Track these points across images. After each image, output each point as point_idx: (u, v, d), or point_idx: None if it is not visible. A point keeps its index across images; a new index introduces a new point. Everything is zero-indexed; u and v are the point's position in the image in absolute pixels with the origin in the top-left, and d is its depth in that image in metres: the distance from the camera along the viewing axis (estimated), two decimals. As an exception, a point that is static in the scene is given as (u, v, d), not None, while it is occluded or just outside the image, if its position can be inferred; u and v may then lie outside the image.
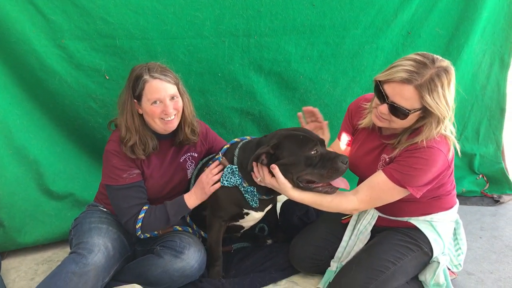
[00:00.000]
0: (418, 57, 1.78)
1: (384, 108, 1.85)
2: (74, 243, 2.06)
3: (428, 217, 2.08)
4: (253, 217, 2.29)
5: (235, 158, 2.16)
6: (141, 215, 2.10)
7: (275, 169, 1.97)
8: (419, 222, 2.09)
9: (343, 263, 2.18)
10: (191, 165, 2.34)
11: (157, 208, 2.13)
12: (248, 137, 2.32)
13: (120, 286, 2.10)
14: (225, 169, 2.14)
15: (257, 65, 2.90)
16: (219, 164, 2.17)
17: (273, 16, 2.77)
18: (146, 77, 2.01)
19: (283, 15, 2.79)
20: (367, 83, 3.14)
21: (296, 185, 1.99)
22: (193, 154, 2.34)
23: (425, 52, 1.83)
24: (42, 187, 2.64)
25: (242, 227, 2.43)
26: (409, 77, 1.74)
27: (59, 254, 2.68)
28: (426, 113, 1.83)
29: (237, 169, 2.13)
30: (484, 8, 3.18)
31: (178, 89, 2.12)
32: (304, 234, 2.37)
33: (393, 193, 1.93)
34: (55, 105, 2.60)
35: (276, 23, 2.80)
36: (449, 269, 2.22)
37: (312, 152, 1.95)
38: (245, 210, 2.23)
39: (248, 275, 2.34)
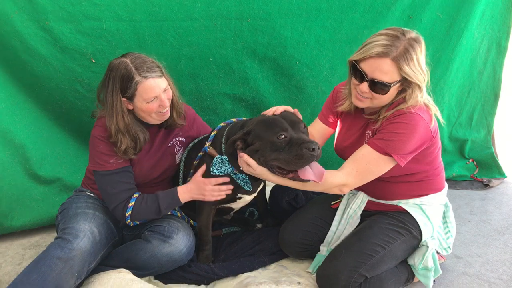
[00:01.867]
0: (388, 31, 1.84)
1: (364, 86, 1.87)
2: (60, 229, 2.04)
3: (417, 200, 2.08)
4: (245, 199, 2.28)
5: (223, 147, 2.11)
6: (132, 203, 2.07)
7: (244, 156, 1.95)
8: (409, 205, 2.09)
9: (333, 247, 2.17)
10: (179, 150, 2.32)
11: (149, 198, 2.11)
12: (234, 120, 2.25)
13: (108, 271, 2.08)
14: (215, 159, 2.10)
15: (250, 50, 2.80)
16: (227, 181, 2.12)
17: (268, -2, 2.67)
18: (138, 78, 1.95)
19: (277, -3, 2.69)
20: (365, 70, 3.02)
21: (271, 171, 1.95)
22: (181, 139, 2.32)
23: (393, 27, 1.90)
24: (29, 172, 2.60)
25: (232, 209, 2.42)
26: (385, 50, 1.78)
27: (47, 239, 2.67)
28: (405, 85, 1.87)
29: (227, 159, 2.09)
30: (484, -10, 3.09)
31: (166, 78, 2.08)
32: (293, 219, 2.36)
33: (379, 163, 1.91)
34: (40, 88, 2.53)
35: (270, 6, 2.69)
36: (438, 253, 2.22)
37: (279, 137, 1.87)
38: (239, 195, 2.22)
39: (237, 259, 2.33)
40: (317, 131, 2.31)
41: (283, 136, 1.88)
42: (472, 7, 3.07)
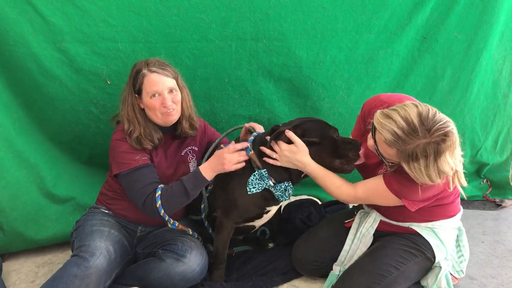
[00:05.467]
0: (415, 120, 1.63)
1: (371, 144, 1.84)
2: (76, 246, 1.99)
3: (429, 224, 2.01)
4: (271, 213, 2.23)
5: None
6: (158, 193, 2.00)
7: (289, 132, 1.96)
8: (421, 228, 2.01)
9: (346, 267, 2.10)
10: (192, 159, 2.29)
11: (173, 185, 2.04)
12: (255, 131, 2.19)
13: (121, 289, 2.03)
14: (252, 176, 2.03)
15: (266, 71, 2.69)
16: (246, 148, 2.06)
17: (282, 19, 2.56)
18: (145, 71, 2.02)
19: (292, 18, 2.57)
20: (382, 90, 2.89)
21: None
22: (193, 148, 2.31)
23: (430, 111, 1.65)
24: (44, 191, 2.51)
25: (254, 227, 2.35)
26: (391, 143, 1.66)
27: (60, 257, 2.59)
28: None
29: (266, 172, 2.02)
30: (502, 11, 2.94)
31: (177, 83, 2.11)
32: (306, 237, 2.30)
33: (388, 200, 1.89)
34: (54, 110, 2.44)
35: (286, 27, 2.58)
36: (451, 274, 2.13)
37: (337, 135, 2.03)
38: (267, 208, 2.16)
39: (249, 279, 2.26)
40: None
41: (337, 135, 2.03)
42: (490, 27, 2.93)
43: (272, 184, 2.03)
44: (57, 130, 2.51)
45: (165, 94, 2.02)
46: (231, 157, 2.00)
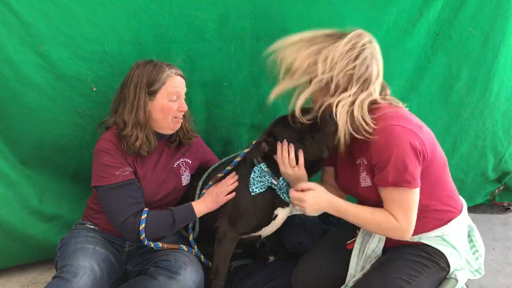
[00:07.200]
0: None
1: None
2: (59, 266, 1.89)
3: (439, 232, 1.85)
4: (280, 218, 2.10)
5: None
6: (144, 216, 1.93)
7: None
8: (431, 239, 1.87)
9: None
10: (185, 171, 2.20)
11: (162, 211, 2.00)
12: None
13: (111, 310, 1.90)
14: (252, 174, 1.96)
15: (269, 73, 2.47)
16: (236, 175, 2.05)
17: (286, 14, 2.35)
18: (168, 72, 1.97)
19: (296, 14, 2.36)
20: (395, 93, 2.61)
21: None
22: (187, 160, 2.21)
23: None
24: (28, 209, 2.36)
25: (260, 237, 2.20)
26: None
27: (45, 275, 2.49)
28: None
29: (265, 166, 1.95)
30: (517, 3, 2.72)
31: None
32: (306, 260, 2.13)
33: (407, 194, 1.71)
34: (34, 122, 2.22)
35: (289, 23, 2.37)
36: (467, 286, 2.00)
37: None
38: (275, 212, 2.04)
39: None
40: (329, 175, 2.13)
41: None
42: (506, 21, 2.69)
43: (275, 182, 1.95)
44: (38, 145, 2.31)
45: (182, 99, 2.01)
46: (220, 190, 2.02)
